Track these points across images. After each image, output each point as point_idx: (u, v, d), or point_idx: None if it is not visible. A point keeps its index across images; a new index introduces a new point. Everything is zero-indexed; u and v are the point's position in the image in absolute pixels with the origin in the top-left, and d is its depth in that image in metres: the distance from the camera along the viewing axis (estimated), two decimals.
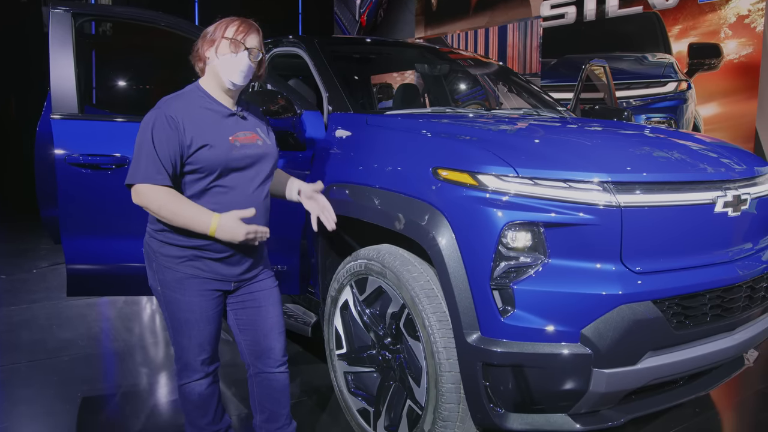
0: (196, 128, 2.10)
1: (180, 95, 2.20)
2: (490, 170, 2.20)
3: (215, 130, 2.15)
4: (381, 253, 2.55)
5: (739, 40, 6.06)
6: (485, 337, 2.16)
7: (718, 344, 2.36)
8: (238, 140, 2.18)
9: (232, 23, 2.18)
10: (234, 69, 2.16)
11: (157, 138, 2.05)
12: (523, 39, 8.73)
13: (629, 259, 2.19)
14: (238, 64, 2.16)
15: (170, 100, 2.16)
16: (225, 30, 2.17)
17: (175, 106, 2.12)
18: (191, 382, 2.32)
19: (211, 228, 2.07)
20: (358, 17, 11.88)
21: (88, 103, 4.28)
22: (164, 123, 2.07)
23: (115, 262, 3.01)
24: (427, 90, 4.74)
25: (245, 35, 2.17)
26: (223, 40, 2.15)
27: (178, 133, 2.07)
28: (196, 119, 2.12)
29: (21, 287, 5.52)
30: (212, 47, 2.17)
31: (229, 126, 2.20)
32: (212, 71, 2.19)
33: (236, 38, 2.15)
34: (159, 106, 2.13)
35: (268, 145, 2.29)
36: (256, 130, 2.28)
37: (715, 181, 2.38)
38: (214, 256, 2.20)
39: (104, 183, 2.91)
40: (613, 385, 2.15)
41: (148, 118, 2.10)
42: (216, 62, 2.17)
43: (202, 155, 2.10)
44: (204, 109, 2.17)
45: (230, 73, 2.17)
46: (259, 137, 2.26)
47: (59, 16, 2.96)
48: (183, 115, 2.10)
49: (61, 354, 3.91)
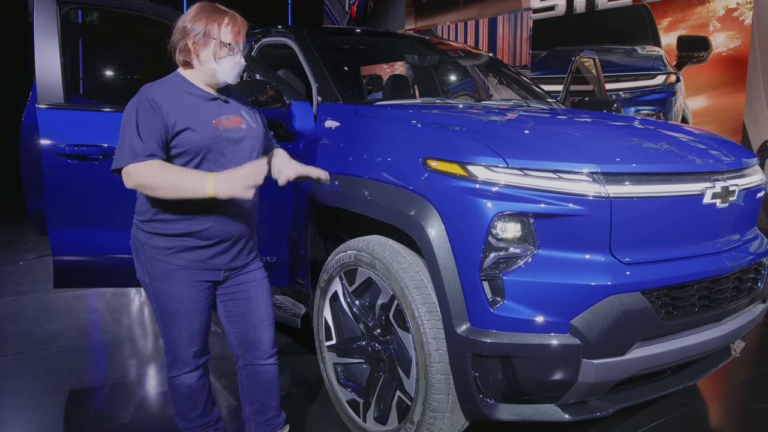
0: (179, 111, 2.08)
1: (161, 82, 2.18)
2: (480, 161, 2.19)
3: (197, 114, 2.13)
4: (370, 244, 2.54)
5: (727, 33, 6.09)
6: (475, 328, 2.16)
7: (705, 335, 2.38)
8: (221, 124, 2.16)
9: (223, 22, 2.13)
10: (233, 71, 2.17)
11: (140, 120, 2.02)
12: (513, 31, 8.72)
13: (618, 249, 2.19)
14: (235, 66, 2.17)
15: (152, 86, 2.14)
16: (220, 31, 2.12)
17: (157, 91, 2.10)
18: (181, 375, 2.31)
19: (208, 185, 1.98)
20: (348, 8, 11.82)
21: (75, 93, 4.23)
22: (147, 106, 2.04)
23: (102, 254, 2.98)
24: (417, 81, 4.73)
25: (241, 35, 2.16)
26: (222, 44, 2.12)
27: (161, 114, 2.04)
28: (178, 103, 2.10)
29: (7, 279, 5.47)
30: (207, 49, 2.13)
31: (211, 109, 2.18)
32: (205, 70, 2.16)
33: (236, 41, 2.14)
34: (141, 92, 2.11)
35: (252, 128, 2.26)
36: (241, 113, 2.26)
37: (704, 172, 2.38)
38: (202, 243, 2.17)
39: (91, 173, 2.88)
40: (602, 375, 2.16)
41: (131, 104, 2.08)
42: (213, 65, 2.14)
43: (185, 138, 2.08)
44: (186, 93, 2.15)
45: (227, 75, 2.17)
46: (243, 120, 2.24)
47: (44, 4, 2.92)
48: (165, 99, 2.08)
49: (48, 346, 3.88)
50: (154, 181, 1.99)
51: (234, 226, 2.22)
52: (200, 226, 2.14)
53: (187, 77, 2.19)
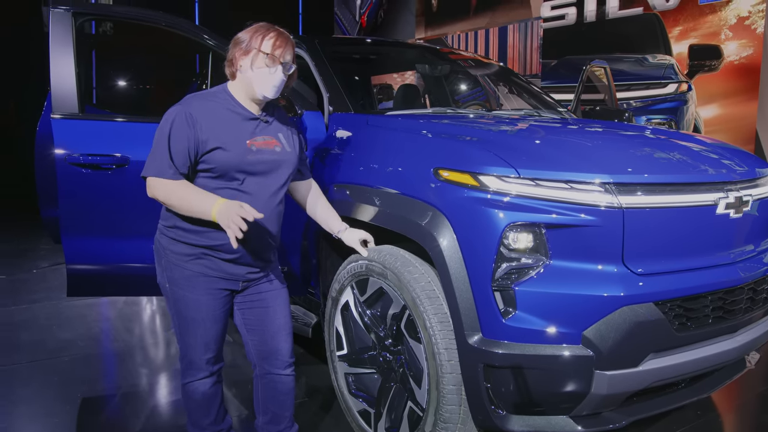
0: (214, 128, 2.11)
1: (205, 95, 2.21)
2: (492, 171, 2.19)
3: (233, 133, 2.15)
4: (382, 253, 2.54)
5: (739, 41, 6.06)
6: (487, 339, 2.15)
7: (719, 346, 2.36)
8: (255, 144, 2.18)
9: (269, 35, 2.16)
10: (268, 83, 2.17)
11: (173, 134, 2.08)
12: (524, 40, 8.72)
13: (631, 260, 2.18)
14: (272, 79, 2.16)
15: (194, 98, 2.17)
16: (261, 42, 2.15)
17: (197, 105, 2.13)
18: (195, 381, 2.31)
19: (213, 210, 2.02)
20: (359, 18, 11.87)
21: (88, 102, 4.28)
22: (183, 120, 2.09)
23: (115, 263, 3.00)
24: (427, 90, 4.73)
25: (283, 50, 2.16)
26: (260, 53, 2.14)
27: (194, 131, 2.08)
28: (215, 119, 2.13)
29: (21, 287, 5.51)
30: (247, 57, 2.15)
31: (248, 129, 2.19)
32: (244, 80, 2.18)
33: (274, 54, 2.14)
34: (182, 103, 2.14)
35: (287, 152, 2.28)
36: (278, 135, 2.27)
37: (717, 182, 2.37)
38: (223, 256, 2.19)
39: (104, 183, 2.90)
40: (615, 387, 2.14)
41: (170, 114, 2.12)
42: (250, 74, 2.16)
43: (216, 156, 2.11)
44: (226, 110, 2.18)
45: (263, 87, 2.17)
46: (278, 143, 2.26)
47: (59, 15, 2.96)
48: (203, 114, 2.11)
49: (61, 354, 3.90)
50: (169, 199, 2.08)
51: (255, 241, 2.23)
52: (221, 240, 2.15)
53: (232, 91, 2.22)
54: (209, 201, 2.05)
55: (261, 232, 2.23)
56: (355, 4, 11.94)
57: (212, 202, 2.04)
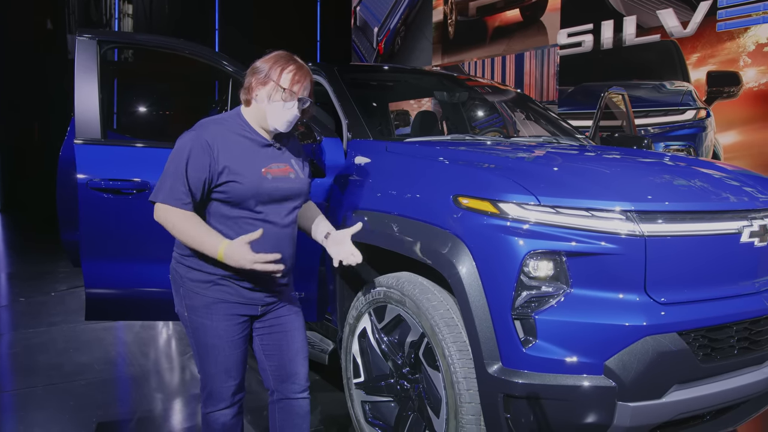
0: (230, 156, 2.11)
1: (219, 119, 2.21)
2: (512, 198, 2.18)
3: (248, 160, 2.15)
4: (400, 280, 2.53)
5: (758, 68, 6.03)
6: (506, 368, 2.12)
7: (746, 378, 2.31)
8: (270, 172, 2.17)
9: (288, 68, 2.14)
10: (282, 118, 2.16)
11: (192, 162, 2.06)
12: (540, 67, 8.75)
13: (653, 289, 2.15)
14: (286, 114, 2.16)
15: (209, 123, 2.17)
16: (280, 76, 2.13)
17: (212, 130, 2.13)
18: (216, 411, 2.28)
19: (218, 254, 2.05)
20: (376, 45, 12.00)
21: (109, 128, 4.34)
22: (198, 147, 2.07)
23: (134, 287, 3.01)
24: (445, 117, 4.75)
25: (301, 86, 2.16)
26: (278, 87, 2.13)
27: (210, 159, 2.08)
28: (231, 146, 2.13)
29: (40, 310, 5.55)
30: (264, 88, 2.14)
31: (263, 157, 2.19)
32: (258, 110, 2.18)
33: (292, 89, 2.13)
34: (196, 128, 2.14)
35: (300, 179, 2.28)
36: (291, 162, 2.28)
37: (741, 210, 2.34)
38: (241, 283, 2.19)
39: (125, 208, 2.93)
40: (638, 419, 2.10)
41: (184, 140, 2.10)
42: (265, 105, 2.16)
43: (231, 185, 2.11)
44: (241, 136, 2.17)
45: (276, 121, 2.17)
46: (292, 170, 2.25)
47: (85, 43, 3.01)
48: (219, 141, 2.11)
49: (77, 378, 3.90)
50: (174, 229, 2.09)
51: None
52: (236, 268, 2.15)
53: (246, 117, 2.22)
54: (213, 242, 2.06)
55: (278, 259, 2.22)
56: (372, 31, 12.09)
57: (217, 246, 2.05)
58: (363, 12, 12.40)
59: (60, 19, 14.62)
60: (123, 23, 14.52)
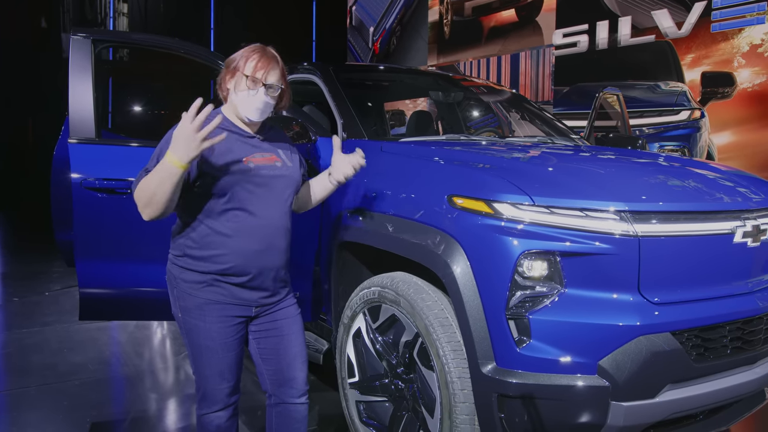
0: (212, 148, 2.07)
1: None
2: (506, 198, 2.19)
3: (230, 152, 2.14)
4: (395, 280, 2.53)
5: (752, 68, 6.06)
6: (500, 368, 2.13)
7: (739, 378, 2.32)
8: (252, 161, 2.17)
9: (252, 57, 2.16)
10: (250, 106, 2.16)
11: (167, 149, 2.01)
12: (536, 67, 8.76)
13: (647, 289, 2.16)
14: (254, 102, 2.15)
15: None
16: (245, 64, 2.15)
17: None
18: (210, 413, 2.26)
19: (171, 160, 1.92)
20: (371, 45, 12.00)
21: (103, 127, 4.33)
22: None
23: (128, 287, 3.00)
24: (440, 117, 4.75)
25: (265, 72, 2.15)
26: (243, 75, 2.14)
27: None
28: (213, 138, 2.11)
29: (33, 310, 5.53)
30: (232, 80, 2.17)
31: (246, 147, 2.19)
32: (231, 101, 2.20)
33: (255, 76, 2.13)
34: None
35: (288, 167, 2.27)
36: (277, 152, 2.27)
37: (734, 210, 2.35)
38: (234, 281, 2.17)
39: (119, 207, 2.91)
40: (632, 418, 2.11)
41: (169, 132, 2.09)
42: (233, 96, 2.17)
43: (214, 175, 2.10)
44: (224, 130, 2.15)
45: (246, 109, 2.17)
46: (278, 159, 2.25)
47: (79, 42, 3.00)
48: None
49: (71, 378, 3.89)
50: (142, 192, 1.99)
51: (265, 261, 2.21)
52: (229, 263, 2.15)
53: (226, 113, 2.22)
54: (163, 161, 1.94)
55: (270, 251, 2.21)
56: (368, 31, 12.08)
57: (167, 158, 1.93)
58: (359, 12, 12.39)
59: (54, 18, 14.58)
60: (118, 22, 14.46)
